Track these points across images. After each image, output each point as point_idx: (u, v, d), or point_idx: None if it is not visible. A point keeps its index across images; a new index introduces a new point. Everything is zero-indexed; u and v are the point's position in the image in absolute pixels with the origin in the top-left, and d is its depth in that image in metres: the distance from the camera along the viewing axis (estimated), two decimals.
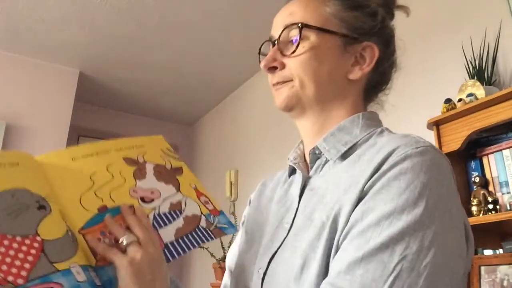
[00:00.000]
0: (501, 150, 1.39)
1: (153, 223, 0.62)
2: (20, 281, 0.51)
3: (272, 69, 0.64)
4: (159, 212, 0.63)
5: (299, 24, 0.62)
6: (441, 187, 0.50)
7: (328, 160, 0.62)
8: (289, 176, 0.70)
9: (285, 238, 0.58)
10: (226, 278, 0.75)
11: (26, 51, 2.98)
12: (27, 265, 0.53)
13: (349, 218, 0.50)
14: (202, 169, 3.84)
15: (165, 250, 0.61)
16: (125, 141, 0.68)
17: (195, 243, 0.62)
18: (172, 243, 0.62)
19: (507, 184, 1.35)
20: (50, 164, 0.62)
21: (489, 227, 1.31)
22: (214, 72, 3.22)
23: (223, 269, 2.01)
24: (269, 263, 0.58)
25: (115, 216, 0.60)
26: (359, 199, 0.50)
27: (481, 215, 1.33)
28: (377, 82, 0.67)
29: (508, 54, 1.56)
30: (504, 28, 1.55)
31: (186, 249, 0.62)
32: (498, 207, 1.32)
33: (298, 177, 0.65)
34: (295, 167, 0.66)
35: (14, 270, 0.52)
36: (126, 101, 3.71)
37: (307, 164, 0.67)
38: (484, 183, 1.40)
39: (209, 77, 3.31)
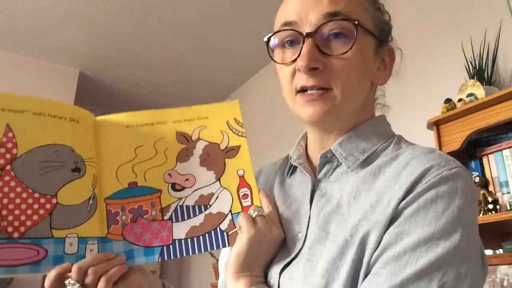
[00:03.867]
0: (501, 150, 1.39)
1: (171, 215, 0.60)
2: (15, 234, 0.53)
3: (314, 69, 0.54)
4: (183, 204, 0.61)
5: (356, 22, 0.53)
6: (472, 211, 0.49)
7: (339, 165, 0.58)
8: (288, 174, 0.66)
9: (300, 249, 0.54)
10: (223, 275, 0.73)
11: (26, 51, 2.97)
12: (29, 223, 0.54)
13: (380, 240, 0.47)
14: None
15: (170, 247, 0.59)
16: (188, 110, 0.64)
17: (203, 248, 0.59)
18: (179, 241, 0.59)
19: (507, 184, 1.35)
20: (105, 128, 0.62)
21: (489, 227, 1.31)
22: (214, 72, 3.22)
23: None
24: (280, 272, 0.54)
25: (140, 196, 0.60)
26: (391, 220, 0.48)
27: (481, 215, 1.33)
28: None
29: (508, 54, 1.56)
30: (504, 28, 1.55)
31: (191, 252, 0.59)
32: (498, 207, 1.32)
33: (303, 179, 0.61)
34: (301, 167, 0.62)
35: (16, 223, 0.53)
36: (126, 101, 3.70)
37: (311, 164, 0.63)
38: (484, 183, 1.40)
39: (209, 77, 3.30)
